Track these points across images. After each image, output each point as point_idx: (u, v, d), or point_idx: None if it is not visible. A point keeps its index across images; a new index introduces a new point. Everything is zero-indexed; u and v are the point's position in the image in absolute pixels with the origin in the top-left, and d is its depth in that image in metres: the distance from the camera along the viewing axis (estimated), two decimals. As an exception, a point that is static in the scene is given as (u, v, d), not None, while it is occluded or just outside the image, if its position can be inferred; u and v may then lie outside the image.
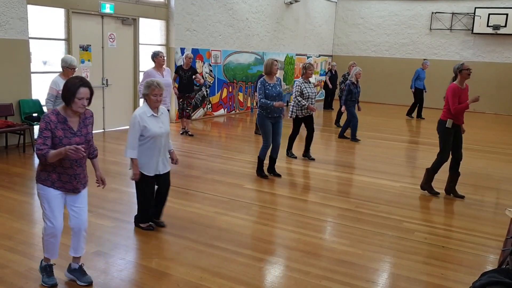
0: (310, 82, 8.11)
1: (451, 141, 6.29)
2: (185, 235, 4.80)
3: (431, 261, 4.45)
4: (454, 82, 6.22)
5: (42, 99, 8.73)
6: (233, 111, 14.16)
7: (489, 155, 9.49)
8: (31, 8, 8.48)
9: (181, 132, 10.23)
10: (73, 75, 6.26)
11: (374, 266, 4.30)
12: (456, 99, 6.12)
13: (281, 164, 8.02)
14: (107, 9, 9.78)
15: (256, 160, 7.19)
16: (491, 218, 5.78)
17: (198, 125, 11.71)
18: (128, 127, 4.75)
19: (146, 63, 11.01)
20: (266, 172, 7.16)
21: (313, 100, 7.98)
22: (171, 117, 9.16)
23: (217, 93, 13.30)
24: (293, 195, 6.35)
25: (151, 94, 4.53)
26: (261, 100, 6.78)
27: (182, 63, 10.08)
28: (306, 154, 8.48)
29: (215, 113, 13.31)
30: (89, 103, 3.43)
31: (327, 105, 16.20)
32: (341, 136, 10.59)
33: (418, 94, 14.29)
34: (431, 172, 6.55)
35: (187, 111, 10.09)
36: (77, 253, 3.76)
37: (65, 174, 3.52)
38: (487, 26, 16.24)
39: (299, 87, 7.94)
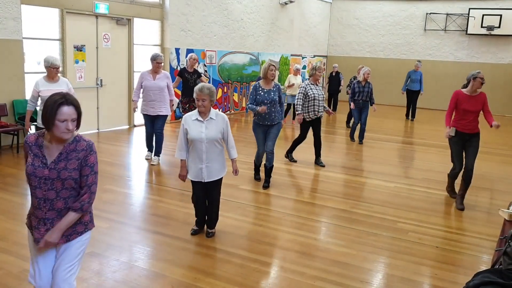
0: (318, 85, 7.71)
1: (457, 150, 6.05)
2: (179, 236, 4.79)
3: (425, 261, 4.47)
4: (461, 89, 6.04)
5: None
6: (228, 111, 14.15)
7: (483, 156, 9.48)
8: (25, 8, 8.44)
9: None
10: (57, 91, 6.06)
11: (368, 267, 4.31)
12: (453, 104, 5.96)
13: (277, 165, 8.01)
14: (102, 9, 9.75)
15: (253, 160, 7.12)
16: (485, 218, 5.81)
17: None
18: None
19: (140, 64, 10.99)
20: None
21: (320, 102, 7.59)
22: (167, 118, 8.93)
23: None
24: (287, 196, 6.35)
25: (196, 99, 4.56)
26: (248, 105, 6.52)
27: (185, 65, 9.54)
28: (318, 161, 8.05)
29: (210, 114, 13.27)
30: (77, 127, 2.66)
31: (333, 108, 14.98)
32: (352, 137, 10.54)
33: (408, 95, 14.39)
34: (448, 178, 6.47)
35: None
36: None
37: (33, 216, 2.75)
38: (481, 27, 16.32)
39: (304, 89, 7.53)
